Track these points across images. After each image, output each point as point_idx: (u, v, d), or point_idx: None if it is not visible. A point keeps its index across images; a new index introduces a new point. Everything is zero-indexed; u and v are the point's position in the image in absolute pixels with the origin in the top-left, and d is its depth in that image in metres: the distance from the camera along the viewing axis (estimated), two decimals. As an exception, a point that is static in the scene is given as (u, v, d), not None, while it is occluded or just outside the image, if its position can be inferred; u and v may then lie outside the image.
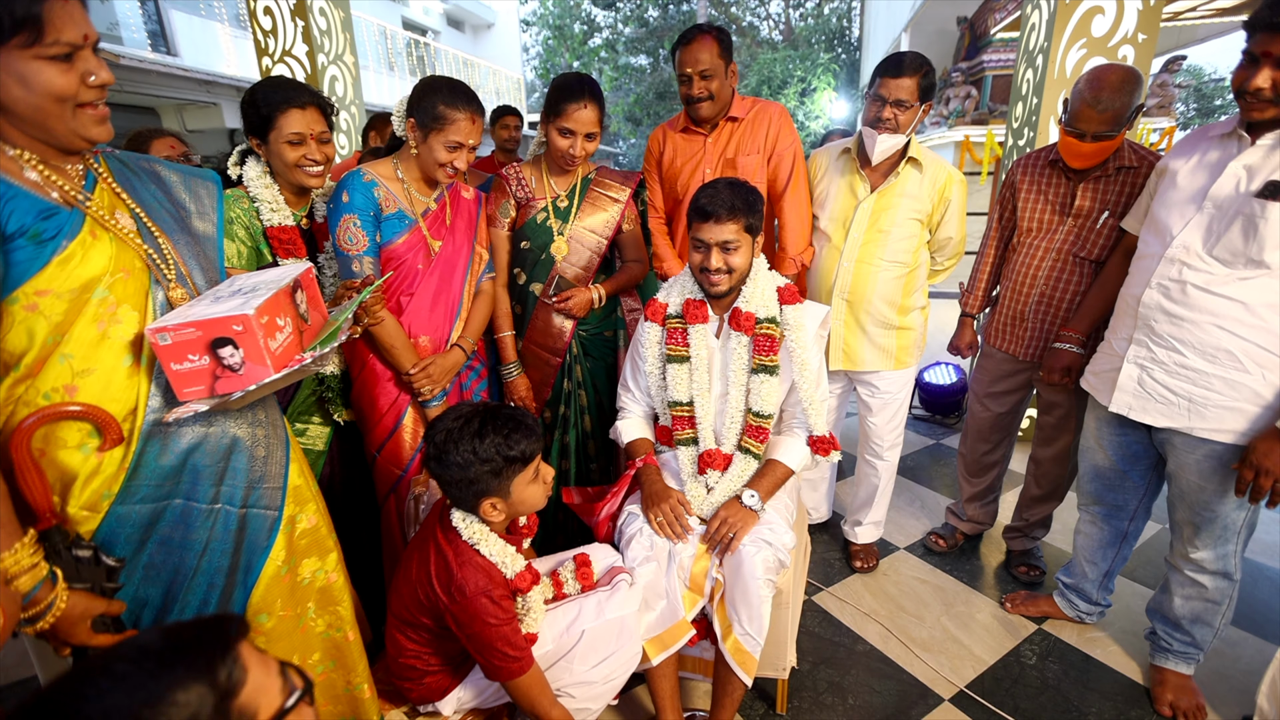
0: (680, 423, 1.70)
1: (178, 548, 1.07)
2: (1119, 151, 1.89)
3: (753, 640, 1.46)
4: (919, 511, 2.84)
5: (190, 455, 1.06)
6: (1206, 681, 1.82)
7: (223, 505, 1.11)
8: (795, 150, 2.14)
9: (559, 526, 2.14)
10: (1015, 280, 2.12)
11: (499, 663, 1.23)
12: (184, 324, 0.96)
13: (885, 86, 1.92)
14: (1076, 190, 1.96)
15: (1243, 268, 1.44)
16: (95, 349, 0.96)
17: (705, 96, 2.05)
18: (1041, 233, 2.05)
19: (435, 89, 1.60)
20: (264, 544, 1.17)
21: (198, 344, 0.97)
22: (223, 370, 0.99)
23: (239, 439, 1.13)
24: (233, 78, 8.29)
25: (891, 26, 10.13)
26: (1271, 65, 1.33)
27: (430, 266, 1.74)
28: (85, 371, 0.96)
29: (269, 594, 1.19)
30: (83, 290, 0.95)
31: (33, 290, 0.91)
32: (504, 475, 1.24)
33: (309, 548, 1.26)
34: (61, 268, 0.93)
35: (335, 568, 1.31)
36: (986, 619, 2.14)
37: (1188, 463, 1.60)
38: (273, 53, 3.48)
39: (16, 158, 0.93)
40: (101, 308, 0.96)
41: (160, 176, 1.15)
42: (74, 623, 0.95)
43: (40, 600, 0.90)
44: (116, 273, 0.98)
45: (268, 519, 1.18)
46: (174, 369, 0.98)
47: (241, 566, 1.15)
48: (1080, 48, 2.87)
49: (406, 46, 12.06)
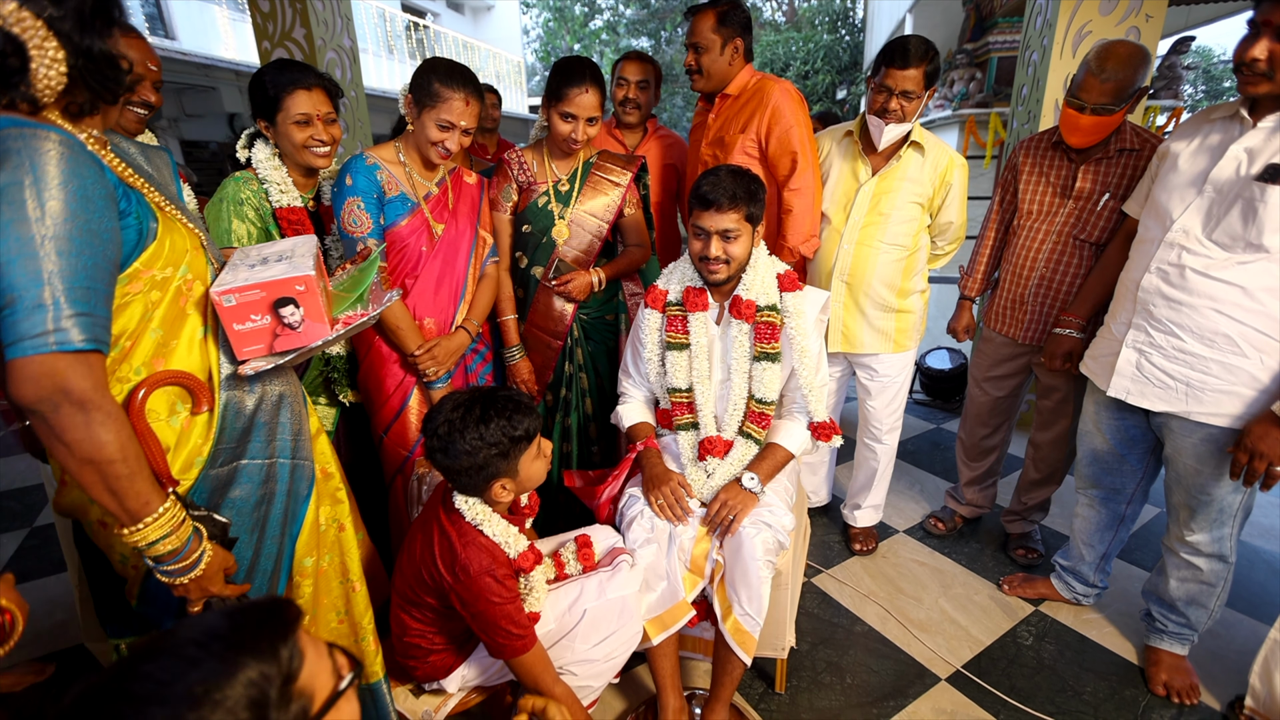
0: (680, 408, 1.71)
1: (245, 507, 1.12)
2: (1120, 132, 1.88)
3: (752, 621, 1.48)
4: (918, 495, 2.86)
5: (255, 414, 1.12)
6: (1200, 661, 1.85)
7: (278, 459, 1.16)
8: (797, 133, 2.02)
9: (561, 509, 2.17)
10: (1015, 263, 2.12)
11: (503, 640, 1.25)
12: (248, 285, 1.01)
13: (891, 77, 1.90)
14: (1077, 172, 1.96)
15: (1242, 252, 1.44)
16: (178, 323, 1.02)
17: (694, 69, 2.11)
18: (1042, 215, 2.04)
19: (434, 68, 1.61)
20: (305, 493, 1.22)
21: (261, 304, 1.03)
22: (282, 329, 1.05)
23: (285, 394, 1.18)
24: (231, 62, 8.23)
25: (896, 8, 10.00)
26: (1271, 35, 1.32)
27: (434, 249, 1.75)
28: (169, 344, 1.01)
29: (308, 541, 1.24)
30: (171, 269, 0.99)
31: (141, 266, 0.95)
32: (511, 456, 1.26)
33: (325, 495, 1.31)
34: (155, 249, 0.96)
35: (346, 517, 1.36)
36: (984, 600, 2.17)
37: (1185, 446, 1.61)
38: (272, 35, 3.46)
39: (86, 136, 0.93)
40: (183, 283, 1.02)
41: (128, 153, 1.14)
42: (213, 575, 1.00)
43: (192, 553, 0.96)
44: (195, 249, 1.04)
45: (308, 468, 1.23)
46: (236, 329, 1.03)
47: (290, 515, 1.19)
48: (1086, 29, 2.84)
49: (406, 29, 11.94)
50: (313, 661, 0.59)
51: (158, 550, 0.93)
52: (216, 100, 8.49)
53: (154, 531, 0.92)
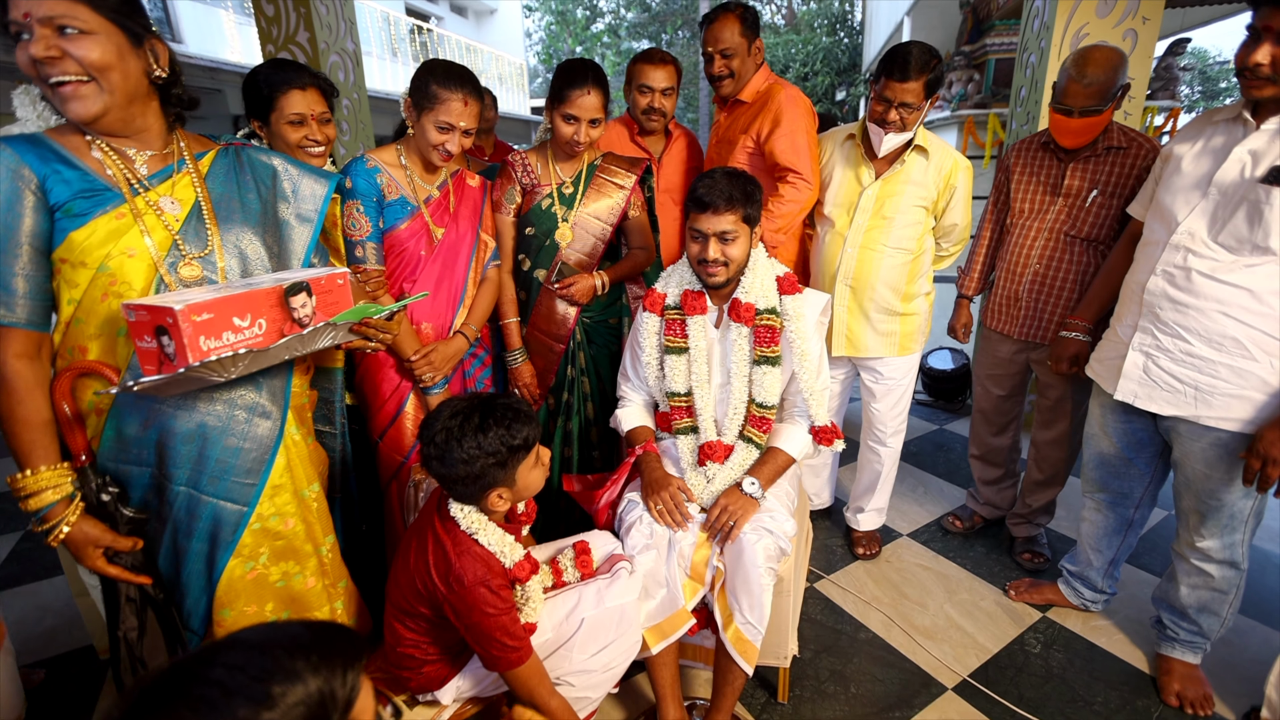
0: (679, 412, 1.69)
1: (151, 514, 1.18)
2: (1108, 132, 1.93)
3: (754, 629, 1.45)
4: (922, 497, 2.83)
5: (160, 433, 1.14)
6: (1214, 671, 1.81)
7: (187, 488, 1.16)
8: (797, 140, 2.04)
9: (561, 514, 2.14)
10: (1010, 261, 2.15)
11: (497, 653, 1.22)
12: (144, 305, 0.99)
13: (890, 89, 1.87)
14: (1066, 170, 2.00)
15: (1248, 254, 1.42)
16: (99, 318, 1.09)
17: (725, 75, 2.13)
18: (1034, 214, 2.08)
19: (432, 70, 1.60)
20: (230, 539, 1.20)
21: (148, 326, 1.00)
22: (164, 357, 1.02)
23: (207, 426, 1.16)
24: (237, 65, 8.25)
25: (894, 10, 9.97)
26: (1273, 40, 1.31)
27: (433, 253, 1.73)
28: (92, 336, 1.10)
29: (233, 588, 1.21)
30: (91, 264, 1.07)
31: (58, 258, 1.07)
32: (509, 465, 1.23)
33: (284, 551, 1.27)
34: (79, 241, 1.06)
35: (314, 573, 1.31)
36: (990, 607, 2.13)
37: (1193, 450, 1.58)
38: (276, 39, 3.47)
39: (89, 140, 1.09)
40: (104, 281, 1.08)
41: (275, 171, 1.29)
42: (80, 546, 1.10)
43: (51, 518, 1.08)
44: (120, 253, 1.08)
45: (234, 513, 1.20)
46: (139, 345, 1.03)
47: (205, 555, 1.19)
48: (1083, 31, 2.83)
49: (410, 32, 11.97)
50: (365, 698, 0.61)
51: (27, 504, 1.07)
52: (222, 102, 8.51)
53: (27, 486, 1.07)
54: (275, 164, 1.29)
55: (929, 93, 1.87)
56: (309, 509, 1.31)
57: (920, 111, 1.91)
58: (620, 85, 2.37)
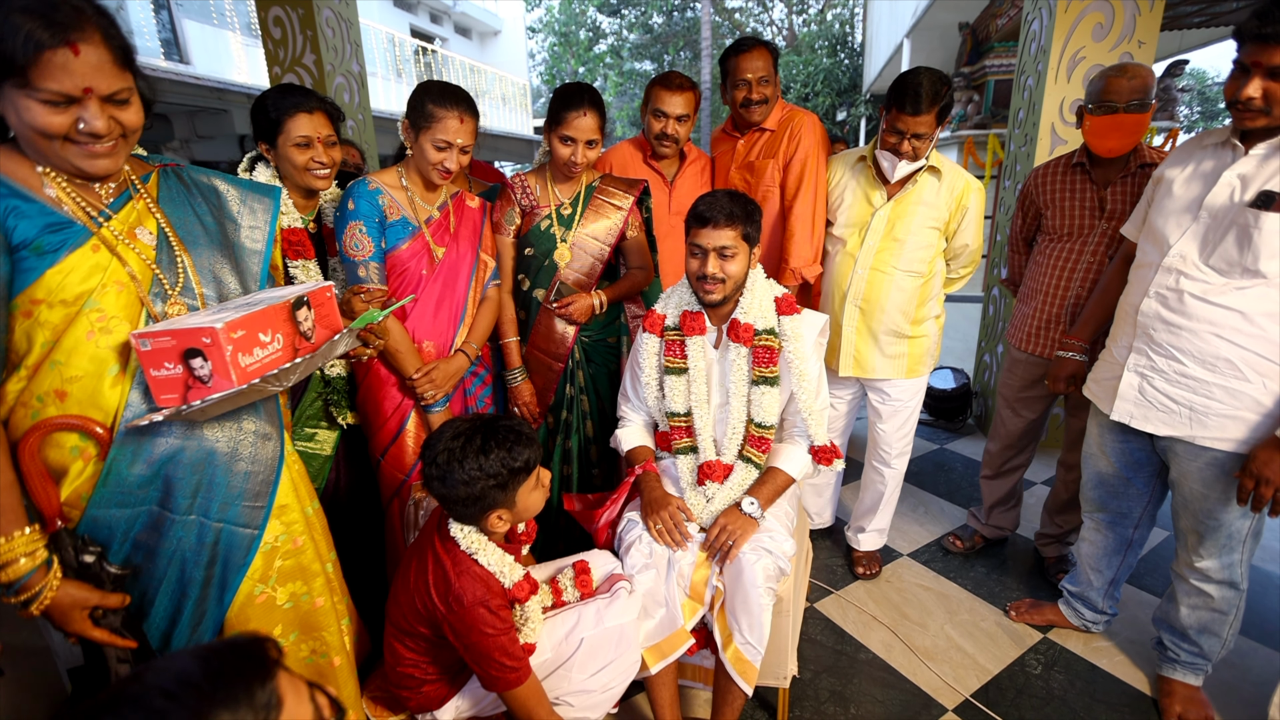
0: (679, 432, 1.70)
1: (150, 553, 1.11)
2: (1138, 150, 1.94)
3: (753, 649, 1.45)
4: (922, 517, 2.83)
5: (165, 466, 1.09)
6: (1216, 693, 1.80)
7: (197, 517, 1.12)
8: (810, 158, 2.16)
9: (561, 532, 2.14)
10: (1049, 283, 2.13)
11: (496, 673, 1.23)
12: (162, 332, 0.99)
13: (902, 122, 1.88)
14: (1104, 194, 2.01)
15: (1239, 277, 1.44)
16: (83, 357, 1.01)
17: (763, 100, 2.22)
18: (1075, 236, 2.08)
19: (427, 90, 1.63)
20: (241, 562, 1.18)
21: (172, 352, 0.99)
22: (194, 380, 1.01)
23: (216, 452, 1.13)
24: (244, 85, 8.36)
25: (894, 32, 10.11)
26: (1262, 75, 1.34)
27: (434, 273, 1.75)
28: (73, 378, 1.01)
29: (243, 613, 1.19)
30: (74, 301, 1.00)
31: (28, 299, 0.98)
32: (510, 487, 1.25)
33: (292, 571, 1.25)
34: (55, 280, 0.98)
35: (321, 592, 1.30)
36: (990, 627, 2.13)
37: (1190, 471, 1.59)
38: (283, 61, 3.54)
39: (44, 174, 1.00)
40: (91, 318, 1.01)
41: (219, 192, 1.25)
42: (65, 611, 1.01)
43: (31, 586, 0.97)
44: (107, 286, 1.02)
45: (245, 537, 1.18)
46: (153, 375, 1.01)
47: (216, 581, 1.16)
48: (1080, 55, 2.87)
49: (415, 54, 12.14)
50: (292, 706, 0.57)
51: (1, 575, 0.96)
52: (228, 122, 8.62)
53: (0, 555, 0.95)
54: (217, 184, 1.25)
55: (940, 120, 1.89)
56: (314, 526, 1.32)
57: (931, 140, 1.93)
58: (622, 106, 2.41)
